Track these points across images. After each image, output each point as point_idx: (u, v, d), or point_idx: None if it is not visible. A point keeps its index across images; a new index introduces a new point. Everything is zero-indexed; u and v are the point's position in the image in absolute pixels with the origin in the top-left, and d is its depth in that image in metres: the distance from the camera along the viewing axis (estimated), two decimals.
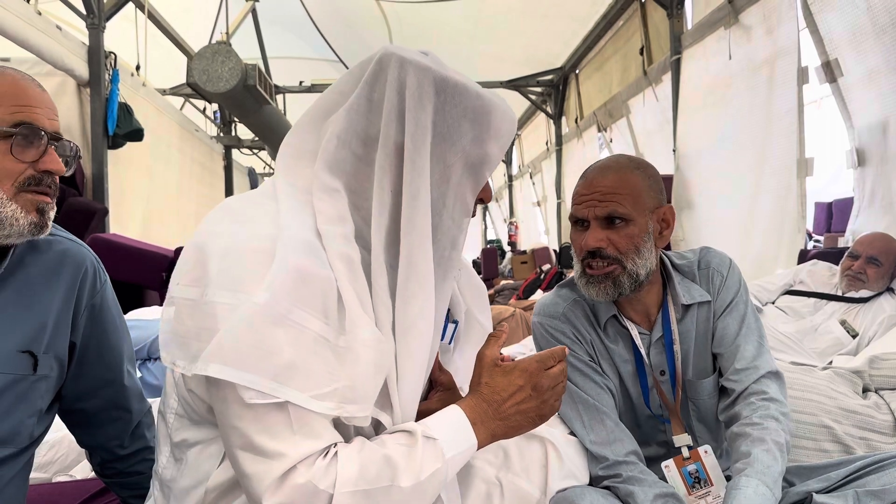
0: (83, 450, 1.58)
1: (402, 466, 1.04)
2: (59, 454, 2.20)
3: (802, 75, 4.22)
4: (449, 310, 1.34)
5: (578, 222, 1.59)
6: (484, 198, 1.22)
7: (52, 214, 1.27)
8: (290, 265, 1.02)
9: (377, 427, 1.13)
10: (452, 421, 1.12)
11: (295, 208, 1.11)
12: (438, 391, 1.34)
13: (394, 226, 1.12)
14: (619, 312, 1.65)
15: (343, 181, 1.14)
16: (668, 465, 1.58)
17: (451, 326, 1.35)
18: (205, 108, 9.29)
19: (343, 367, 1.04)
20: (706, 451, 1.58)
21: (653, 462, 1.66)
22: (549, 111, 10.16)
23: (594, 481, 1.53)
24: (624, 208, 1.53)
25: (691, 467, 1.57)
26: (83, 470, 2.07)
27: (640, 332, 1.65)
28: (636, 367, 1.65)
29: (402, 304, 1.11)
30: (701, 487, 1.55)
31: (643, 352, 1.64)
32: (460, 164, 1.15)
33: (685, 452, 1.59)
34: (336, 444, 1.05)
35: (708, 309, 1.66)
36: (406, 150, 1.10)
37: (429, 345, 1.14)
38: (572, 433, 1.61)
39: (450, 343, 1.34)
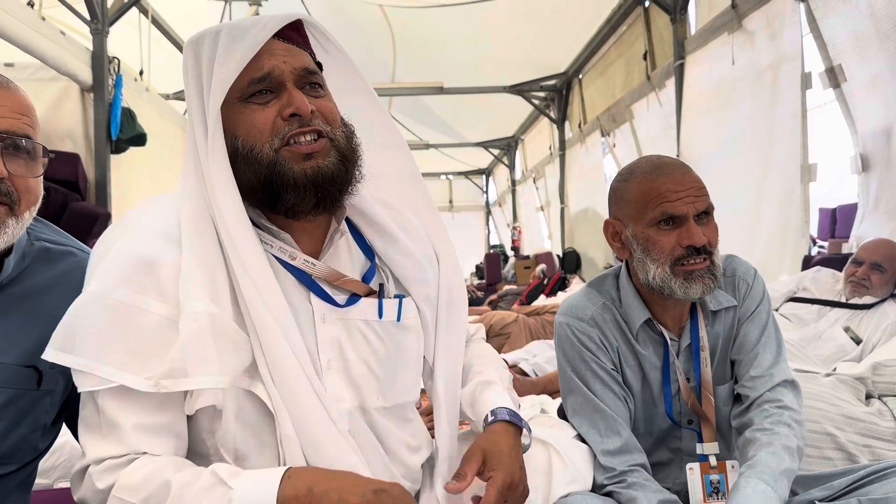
0: None
1: (174, 495, 1.03)
2: (61, 460, 2.20)
3: (806, 81, 4.21)
4: (383, 285, 1.29)
5: (666, 221, 1.55)
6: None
7: (10, 223, 1.21)
8: (125, 254, 1.11)
9: (255, 403, 1.12)
10: (264, 480, 1.05)
11: (170, 203, 1.20)
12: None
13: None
14: (653, 317, 1.63)
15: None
16: (693, 468, 1.58)
17: (389, 303, 1.27)
18: None
19: (174, 343, 1.07)
20: (733, 467, 1.58)
21: (661, 467, 1.66)
22: (553, 116, 10.15)
23: (597, 488, 1.53)
24: (711, 202, 1.57)
25: (714, 477, 1.57)
26: None
27: (670, 339, 1.64)
28: (663, 373, 1.64)
29: (234, 274, 1.14)
30: (717, 499, 1.55)
31: (674, 357, 1.63)
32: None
33: (713, 461, 1.58)
34: (143, 455, 1.08)
35: (733, 315, 1.65)
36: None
37: (274, 315, 1.12)
38: (578, 436, 1.61)
39: (398, 320, 1.28)
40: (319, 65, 1.24)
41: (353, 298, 1.25)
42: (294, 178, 1.14)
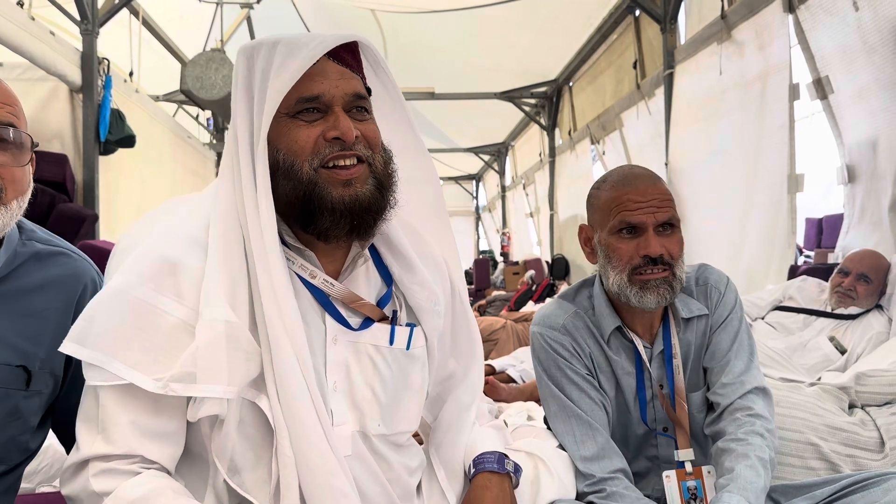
0: None
1: None
2: (44, 464, 2.18)
3: (793, 92, 4.25)
4: (396, 312, 1.30)
5: (627, 230, 1.57)
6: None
7: None
8: (151, 254, 1.12)
9: (257, 416, 1.13)
10: None
11: (201, 206, 1.21)
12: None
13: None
14: (623, 324, 1.65)
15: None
16: (670, 476, 1.58)
17: (401, 331, 1.28)
18: (198, 115, 9.27)
19: (186, 347, 1.08)
20: (709, 472, 1.58)
21: (639, 477, 1.66)
22: (543, 123, 10.19)
23: (579, 497, 1.53)
24: (676, 214, 1.58)
25: (691, 483, 1.58)
26: None
27: (643, 346, 1.65)
28: (637, 379, 1.66)
29: (255, 286, 1.15)
30: None
31: (647, 363, 1.64)
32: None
33: (688, 468, 1.59)
34: (147, 470, 1.08)
35: (705, 323, 1.67)
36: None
37: (288, 331, 1.12)
38: (560, 446, 1.61)
39: (407, 348, 1.28)
40: (369, 90, 1.25)
41: (367, 322, 1.24)
42: (332, 203, 1.14)
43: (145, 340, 1.08)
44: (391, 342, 1.26)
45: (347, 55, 1.21)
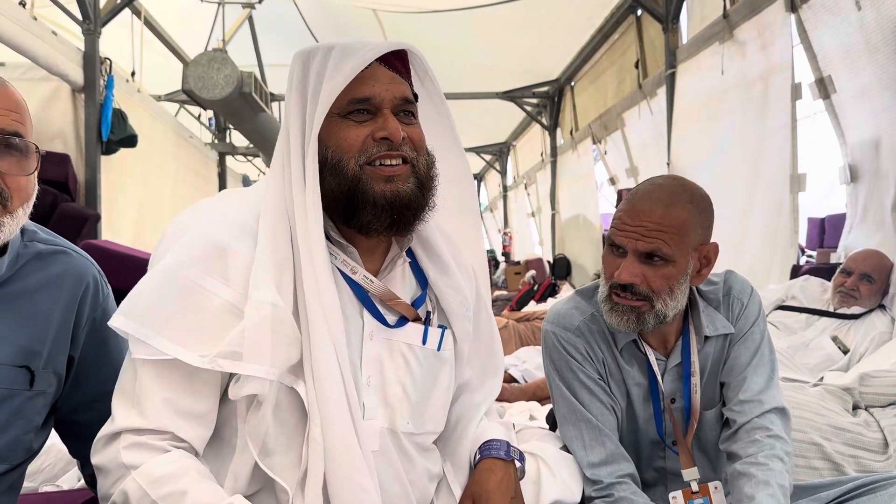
0: (71, 459, 1.56)
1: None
2: (47, 463, 2.18)
3: (796, 91, 4.24)
4: (430, 313, 1.34)
5: (615, 247, 1.52)
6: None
7: (5, 220, 1.20)
8: (202, 238, 1.17)
9: (293, 401, 1.16)
10: None
11: (252, 197, 1.26)
12: None
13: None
14: (638, 337, 1.61)
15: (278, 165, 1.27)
16: (676, 497, 1.56)
17: (434, 332, 1.32)
18: (200, 115, 9.27)
19: (234, 328, 1.12)
20: (716, 488, 1.55)
21: (646, 487, 1.64)
22: (545, 122, 10.19)
23: (585, 500, 1.52)
24: (668, 248, 1.45)
25: (698, 501, 1.55)
26: (70, 480, 2.05)
27: (657, 358, 1.61)
28: (649, 391, 1.62)
29: (299, 278, 1.19)
30: None
31: (659, 378, 1.60)
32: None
33: (694, 486, 1.56)
34: (176, 449, 1.11)
35: (725, 338, 1.61)
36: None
37: (328, 322, 1.16)
38: (563, 448, 1.61)
39: (438, 349, 1.32)
40: (416, 96, 1.29)
41: (402, 321, 1.29)
42: (374, 197, 1.19)
43: (192, 319, 1.12)
44: (424, 342, 1.30)
45: (397, 62, 1.26)
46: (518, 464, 1.37)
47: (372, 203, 1.19)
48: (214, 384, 1.15)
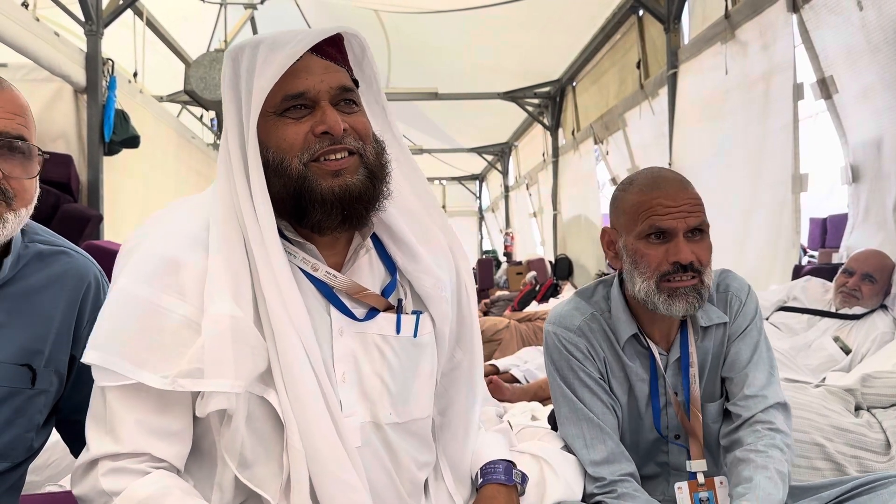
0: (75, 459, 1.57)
1: None
2: (53, 459, 2.19)
3: (798, 91, 4.23)
4: (401, 301, 1.29)
5: (656, 235, 1.53)
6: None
7: (9, 217, 1.21)
8: (153, 254, 1.13)
9: (266, 411, 1.14)
10: None
11: (201, 207, 1.22)
12: None
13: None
14: (641, 332, 1.62)
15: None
16: (682, 487, 1.56)
17: (407, 319, 1.27)
18: (202, 116, 9.28)
19: (194, 344, 1.09)
20: (721, 483, 1.56)
21: (648, 481, 1.65)
22: (546, 123, 10.18)
23: (587, 498, 1.53)
24: (706, 220, 1.55)
25: (703, 494, 1.56)
26: None
27: (659, 353, 1.62)
28: (651, 386, 1.63)
29: (257, 281, 1.15)
30: None
31: (662, 372, 1.61)
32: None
33: (700, 479, 1.57)
34: (157, 469, 1.09)
35: (724, 332, 1.63)
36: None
37: (294, 324, 1.13)
38: (565, 447, 1.61)
39: (414, 336, 1.28)
40: (356, 81, 1.24)
41: (372, 313, 1.24)
42: (322, 194, 1.15)
43: (151, 339, 1.09)
44: (398, 331, 1.26)
45: (332, 49, 1.20)
46: (520, 487, 1.35)
47: (321, 201, 1.14)
48: (185, 402, 1.12)
